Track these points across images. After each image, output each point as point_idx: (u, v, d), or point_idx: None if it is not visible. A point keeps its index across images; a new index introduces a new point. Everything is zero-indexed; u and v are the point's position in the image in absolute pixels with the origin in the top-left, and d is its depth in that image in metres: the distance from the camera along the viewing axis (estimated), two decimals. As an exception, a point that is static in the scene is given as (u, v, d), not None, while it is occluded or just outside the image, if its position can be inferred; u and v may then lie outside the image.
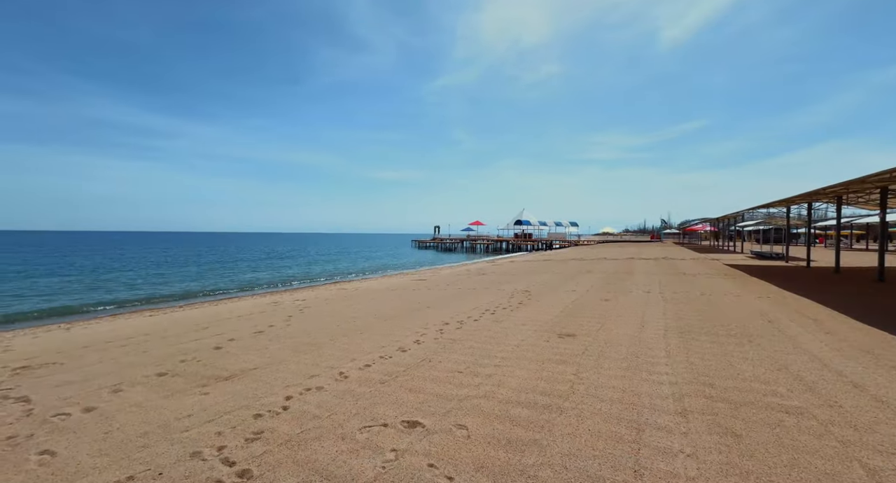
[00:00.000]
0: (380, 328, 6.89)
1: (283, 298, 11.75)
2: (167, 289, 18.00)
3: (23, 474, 2.66)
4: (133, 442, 3.07)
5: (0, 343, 6.81)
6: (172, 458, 2.81)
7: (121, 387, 4.31)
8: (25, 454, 2.93)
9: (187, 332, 7.15)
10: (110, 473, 2.64)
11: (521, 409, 3.49)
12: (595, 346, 5.45)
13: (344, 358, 5.16)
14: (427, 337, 6.16)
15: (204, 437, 3.11)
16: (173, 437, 3.12)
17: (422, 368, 4.65)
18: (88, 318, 10.64)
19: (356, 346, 5.76)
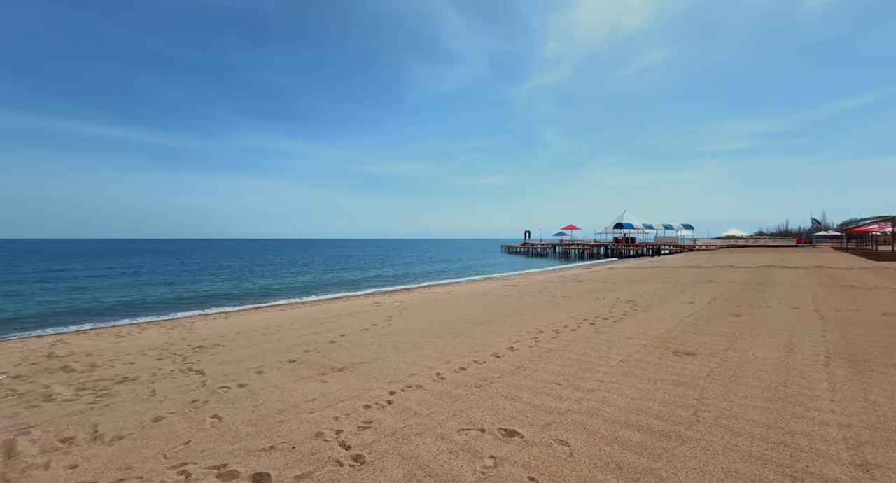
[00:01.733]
0: (472, 333, 6.97)
1: (382, 300, 12.77)
2: (293, 288, 21.15)
3: (202, 432, 3.38)
4: (273, 417, 3.65)
5: (186, 327, 8.84)
6: (302, 435, 3.26)
7: (262, 369, 5.18)
8: (202, 416, 3.72)
9: (308, 325, 8.27)
10: (258, 441, 3.19)
11: (632, 433, 3.14)
12: (723, 368, 4.63)
13: (440, 359, 5.35)
14: (521, 344, 6.01)
15: (325, 420, 3.54)
16: (301, 417, 3.63)
17: (517, 376, 4.55)
18: (238, 310, 13.12)
19: (451, 348, 5.93)
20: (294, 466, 2.79)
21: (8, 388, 4.73)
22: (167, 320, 11.14)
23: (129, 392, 4.45)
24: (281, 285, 22.33)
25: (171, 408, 3.93)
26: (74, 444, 3.20)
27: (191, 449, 3.09)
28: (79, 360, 5.99)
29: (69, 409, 4.00)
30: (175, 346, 6.76)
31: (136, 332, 8.55)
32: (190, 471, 2.76)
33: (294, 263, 41.23)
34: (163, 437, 3.30)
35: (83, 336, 8.48)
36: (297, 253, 69.87)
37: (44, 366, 5.72)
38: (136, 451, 3.06)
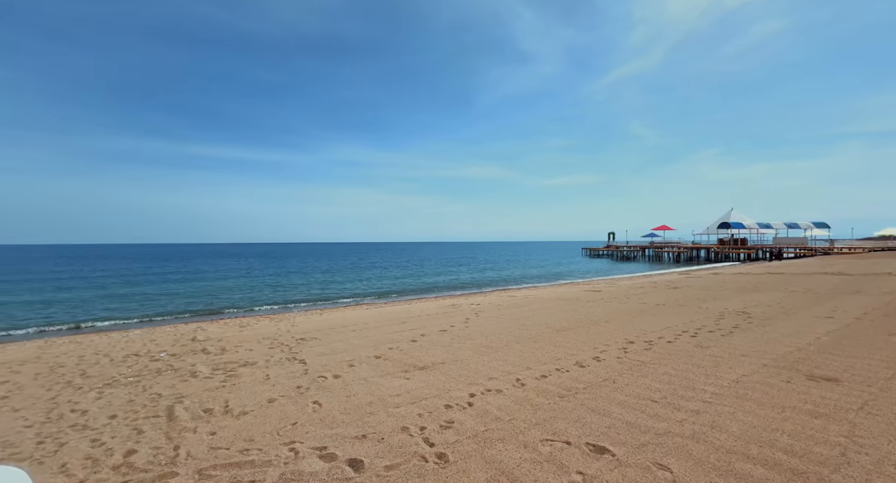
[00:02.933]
0: (552, 339, 6.68)
1: (459, 302, 12.97)
2: (375, 288, 22.71)
3: (306, 415, 3.81)
4: (363, 408, 3.95)
5: (289, 321, 10.08)
6: (389, 427, 3.47)
7: (353, 363, 5.65)
8: (305, 401, 4.20)
9: (390, 324, 8.79)
10: (352, 428, 3.48)
11: (754, 467, 2.69)
12: (882, 401, 3.70)
13: (519, 365, 5.24)
14: (608, 355, 5.58)
15: (409, 415, 3.72)
16: (388, 410, 3.86)
17: (604, 389, 4.22)
18: (330, 307, 14.52)
19: (530, 354, 5.76)
20: (384, 456, 2.97)
21: (167, 363, 5.92)
22: (275, 314, 12.83)
23: (250, 374, 5.22)
24: (364, 286, 24.13)
25: (281, 391, 4.51)
26: (213, 415, 3.87)
27: (297, 429, 3.50)
28: (213, 344, 7.23)
29: (208, 384, 4.84)
30: (282, 337, 7.74)
31: (253, 323, 10.01)
32: (298, 449, 3.13)
33: (375, 266, 44.21)
34: (276, 416, 3.80)
35: (215, 325, 10.21)
36: (378, 256, 74.74)
37: (189, 348, 7.03)
38: (256, 426, 3.58)
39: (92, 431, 3.57)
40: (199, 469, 2.85)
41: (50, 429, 3.68)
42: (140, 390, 4.69)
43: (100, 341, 8.07)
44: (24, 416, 4.02)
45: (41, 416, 4.01)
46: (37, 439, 3.45)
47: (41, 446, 3.31)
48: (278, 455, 3.03)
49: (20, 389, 4.90)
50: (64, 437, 3.49)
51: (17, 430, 3.68)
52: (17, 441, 3.44)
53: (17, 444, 3.38)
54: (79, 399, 4.47)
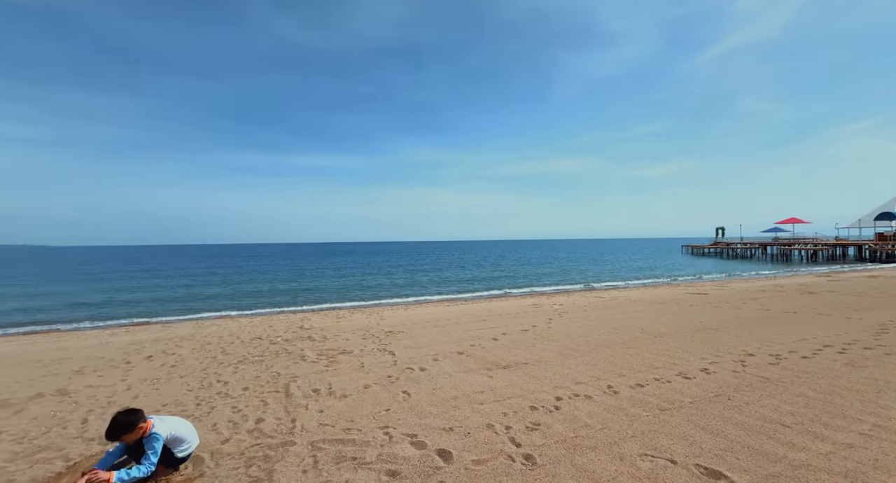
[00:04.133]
0: (649, 346, 6.07)
1: (540, 301, 12.56)
2: (453, 286, 23.21)
3: (397, 403, 4.09)
4: (449, 402, 4.08)
5: (379, 315, 10.90)
6: (475, 423, 3.53)
7: (437, 357, 5.87)
8: (396, 390, 4.50)
9: (471, 322, 8.90)
10: (439, 420, 3.63)
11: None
12: None
13: (610, 371, 4.87)
14: (720, 367, 4.87)
15: (494, 413, 3.73)
16: (473, 406, 3.93)
17: (717, 405, 3.70)
18: (414, 303, 15.29)
19: (622, 360, 5.32)
20: (471, 450, 3.04)
21: (282, 347, 6.88)
22: (365, 308, 13.97)
23: (348, 362, 5.78)
24: (443, 283, 24.83)
25: (374, 379, 4.90)
26: (320, 395, 4.38)
27: (390, 415, 3.77)
28: (316, 333, 8.17)
29: (314, 368, 5.50)
30: (373, 329, 8.40)
31: (348, 315, 11.06)
32: (391, 434, 3.37)
33: (452, 264, 45.14)
34: (371, 401, 4.15)
35: (317, 315, 11.54)
36: (455, 255, 76.13)
37: (298, 335, 8.06)
38: (355, 409, 3.95)
39: (232, 399, 4.34)
40: (312, 441, 3.26)
41: (204, 394, 4.56)
42: (263, 368, 5.54)
43: (233, 325, 9.72)
44: (186, 382, 5.06)
45: (197, 383, 5.00)
46: (196, 402, 4.31)
47: (199, 407, 4.13)
48: (375, 437, 3.31)
49: (182, 361, 6.17)
50: (213, 401, 4.30)
51: (183, 392, 4.65)
52: (183, 401, 4.34)
53: (184, 403, 4.27)
54: (221, 372, 5.46)
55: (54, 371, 5.74)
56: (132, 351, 6.93)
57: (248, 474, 2.78)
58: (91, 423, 3.79)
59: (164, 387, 4.89)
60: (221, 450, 3.15)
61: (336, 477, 2.71)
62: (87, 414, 4.05)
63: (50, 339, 8.85)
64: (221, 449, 3.17)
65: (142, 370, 5.68)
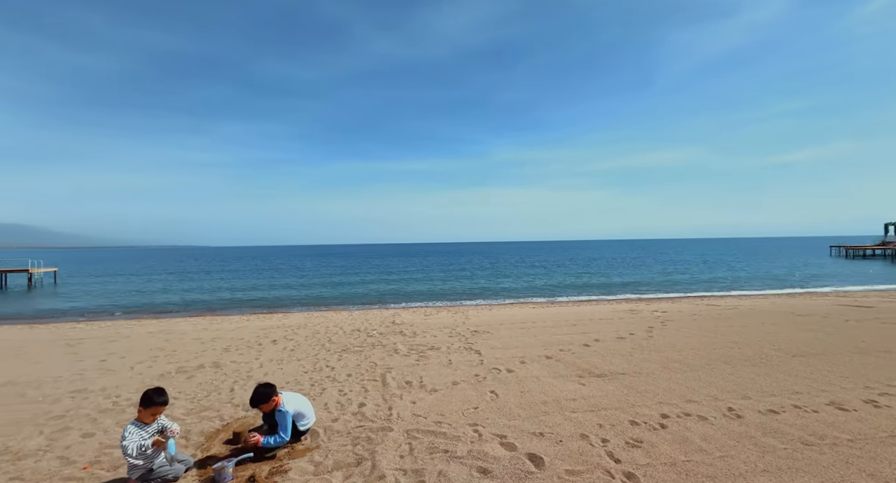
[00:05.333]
0: (784, 365, 5.06)
1: (638, 307, 11.40)
2: (541, 287, 22.44)
3: (484, 403, 4.13)
4: (538, 406, 3.98)
5: (464, 314, 11.13)
6: (567, 431, 3.38)
7: (525, 359, 5.76)
8: (483, 389, 4.54)
9: (560, 325, 8.51)
10: (528, 423, 3.56)
11: None
12: None
13: (732, 391, 4.20)
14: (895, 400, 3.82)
15: (588, 423, 3.52)
16: (565, 413, 3.76)
17: (890, 447, 2.92)
18: (499, 303, 15.21)
19: (747, 380, 4.54)
20: (564, 459, 2.92)
21: (377, 340, 7.48)
22: (451, 306, 14.38)
23: (436, 357, 6.03)
24: (528, 285, 24.17)
25: (462, 376, 5.03)
26: (412, 387, 4.66)
27: (479, 414, 3.83)
28: (407, 328, 8.70)
29: (406, 361, 5.87)
30: (458, 327, 8.61)
31: (434, 313, 11.53)
32: (481, 432, 3.42)
33: (538, 265, 43.63)
34: (459, 398, 4.27)
35: (406, 312, 12.27)
36: (542, 255, 73.48)
37: (391, 329, 8.67)
38: (445, 404, 4.11)
39: (338, 383, 4.88)
40: (407, 429, 3.49)
41: (315, 376, 5.22)
42: (363, 358, 6.11)
43: (337, 317, 10.92)
44: (302, 365, 5.85)
45: (311, 366, 5.75)
46: (310, 382, 4.96)
47: (313, 388, 4.74)
48: (465, 433, 3.39)
49: (298, 346, 7.15)
50: (324, 383, 4.89)
51: (300, 373, 5.39)
52: (301, 381, 5.04)
53: (301, 383, 4.96)
54: (328, 358, 6.18)
55: (210, 347, 7.16)
56: (262, 335, 8.27)
57: (355, 452, 3.10)
58: (237, 392, 4.63)
59: (286, 367, 5.73)
60: (332, 427, 3.57)
61: (430, 466, 2.86)
62: (233, 384, 4.96)
63: (206, 321, 11.06)
64: (332, 426, 3.59)
65: (269, 351, 6.74)
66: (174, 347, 7.19)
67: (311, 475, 2.79)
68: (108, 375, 5.47)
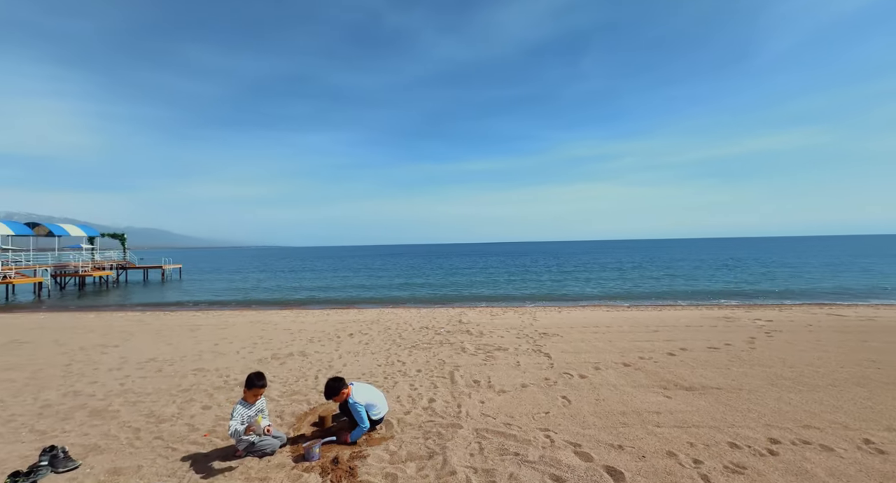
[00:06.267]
0: (948, 393, 4.04)
1: (736, 314, 10.00)
2: (615, 289, 20.88)
3: (556, 408, 3.97)
4: (616, 417, 3.71)
5: (531, 315, 10.84)
6: (651, 447, 3.09)
7: (599, 366, 5.41)
8: (554, 394, 4.37)
9: (637, 331, 7.83)
10: (605, 434, 3.33)
11: None
12: None
13: (868, 419, 3.47)
14: None
15: (676, 441, 3.18)
16: (647, 428, 3.44)
17: None
18: (568, 306, 14.51)
19: (890, 407, 3.71)
20: (648, 477, 2.68)
21: (445, 338, 7.63)
22: (518, 307, 14.09)
23: (504, 358, 5.96)
24: (600, 286, 22.65)
25: (531, 379, 4.90)
26: (480, 387, 4.67)
27: (550, 419, 3.69)
28: (473, 327, 8.73)
29: (473, 360, 5.89)
30: (526, 329, 8.40)
31: (500, 313, 11.40)
32: (553, 438, 3.29)
33: (611, 265, 40.67)
34: (529, 401, 4.16)
35: (472, 311, 12.32)
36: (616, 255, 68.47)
37: (458, 328, 8.78)
38: (514, 406, 4.04)
39: (409, 378, 5.08)
40: (476, 428, 3.50)
41: (388, 370, 5.50)
42: (431, 355, 6.27)
43: (406, 314, 11.39)
44: (376, 358, 6.21)
45: (383, 360, 6.07)
46: (383, 376, 5.25)
47: (386, 380, 5.00)
48: (535, 438, 3.30)
49: (372, 341, 7.60)
50: (395, 377, 5.13)
51: (374, 366, 5.73)
52: (375, 373, 5.35)
53: (375, 375, 5.27)
54: (399, 353, 6.46)
55: (297, 338, 7.96)
56: (340, 328, 8.96)
57: (426, 445, 3.20)
58: (320, 380, 5.08)
59: (361, 359, 6.14)
60: (404, 419, 3.73)
61: (501, 468, 2.83)
62: (317, 372, 5.45)
63: (293, 314, 12.34)
64: (404, 419, 3.75)
65: (347, 344, 7.28)
66: (269, 336, 8.13)
67: (387, 463, 2.95)
68: (220, 358, 6.38)
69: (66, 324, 10.35)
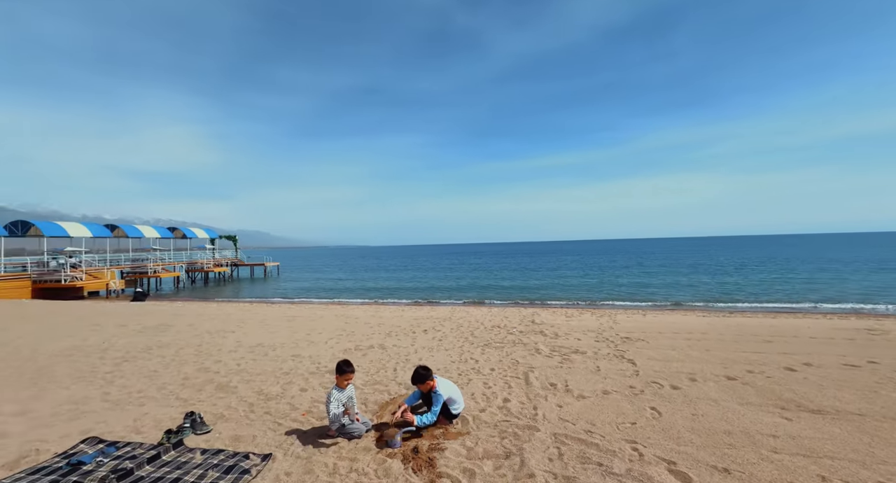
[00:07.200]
0: None
1: (884, 326, 8.13)
2: (705, 291, 18.41)
3: (644, 419, 3.64)
4: (718, 436, 3.27)
5: (611, 317, 10.10)
6: (767, 475, 2.67)
7: (695, 377, 4.82)
8: (641, 404, 4.01)
9: (745, 340, 6.80)
10: (706, 454, 2.96)
11: None
12: None
13: None
14: None
15: (801, 472, 2.70)
16: (761, 452, 2.98)
17: None
18: (654, 308, 13.20)
19: None
20: (763, 509, 2.32)
21: (518, 338, 7.50)
22: (595, 308, 13.24)
23: (581, 362, 5.65)
24: (689, 288, 20.13)
25: (613, 386, 4.56)
26: (557, 390, 4.49)
27: (637, 430, 3.40)
28: (547, 328, 8.43)
29: (549, 362, 5.69)
30: (605, 332, 7.85)
31: (576, 314, 10.82)
32: (641, 452, 3.03)
33: (713, 265, 35.93)
34: (612, 409, 3.88)
35: (545, 311, 11.90)
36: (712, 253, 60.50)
37: (530, 328, 8.56)
38: (595, 413, 3.80)
39: (483, 376, 5.11)
40: (554, 433, 3.38)
41: (462, 367, 5.59)
42: (504, 355, 6.22)
43: (477, 313, 11.45)
44: (449, 355, 6.35)
45: (457, 357, 6.18)
46: (457, 372, 5.34)
47: (460, 377, 5.09)
48: (622, 449, 3.07)
49: (445, 337, 7.79)
50: (469, 375, 5.19)
51: (448, 362, 5.87)
52: (449, 369, 5.48)
53: (450, 371, 5.39)
54: (472, 351, 6.52)
55: (377, 331, 8.51)
56: (414, 324, 9.36)
57: (503, 445, 3.18)
58: (398, 372, 5.37)
59: (436, 355, 6.33)
60: (479, 417, 3.76)
61: (583, 476, 2.70)
62: (396, 365, 5.77)
63: (372, 309, 13.23)
64: (479, 416, 3.77)
65: (421, 340, 7.57)
66: (352, 329, 8.83)
67: (465, 458, 3.00)
68: (312, 346, 7.11)
69: (196, 311, 12.48)
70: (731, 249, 66.61)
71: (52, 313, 12.21)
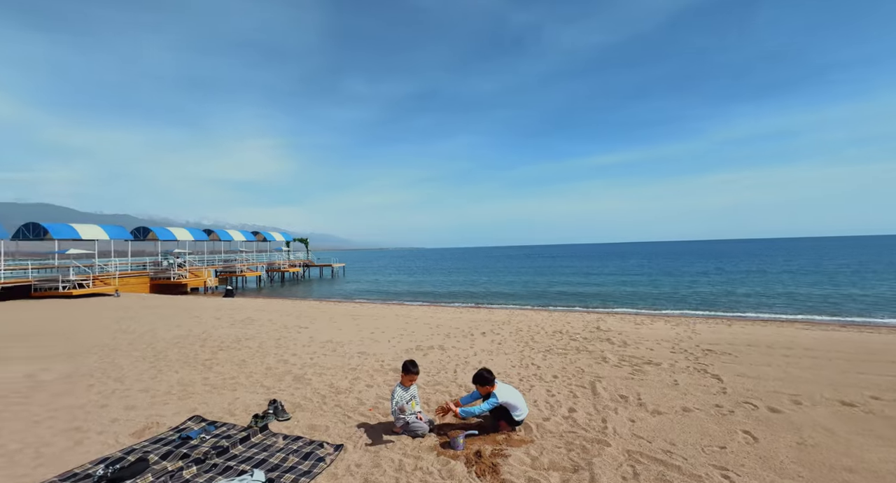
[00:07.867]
0: None
1: None
2: (804, 299, 15.83)
3: (735, 443, 3.24)
4: (837, 473, 2.79)
5: (689, 326, 9.16)
6: (903, 525, 2.22)
7: (799, 399, 4.18)
8: (731, 426, 3.57)
9: (864, 359, 5.73)
10: (818, 492, 2.55)
11: None
12: None
13: None
14: None
15: (954, 526, 2.19)
16: (894, 495, 2.48)
17: None
18: (741, 318, 11.70)
19: None
20: (901, 567, 1.93)
21: (582, 345, 7.13)
22: (670, 316, 12.10)
23: (656, 374, 5.20)
24: (789, 294, 17.46)
25: (696, 403, 4.13)
26: (628, 403, 4.18)
27: (728, 456, 3.03)
28: (615, 336, 7.90)
29: (618, 372, 5.32)
30: (683, 343, 7.14)
31: (648, 322, 9.99)
32: (733, 479, 2.70)
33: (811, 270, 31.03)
34: (695, 430, 3.51)
35: (612, 317, 11.16)
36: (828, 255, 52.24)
37: (595, 335, 8.08)
38: (674, 432, 3.47)
39: (545, 383, 4.94)
40: (627, 449, 3.15)
41: (523, 372, 5.46)
42: (568, 362, 5.95)
43: (537, 317, 11.12)
44: (509, 359, 6.25)
45: (517, 362, 6.06)
46: (518, 378, 5.22)
47: (521, 382, 4.97)
48: (708, 474, 2.76)
49: (504, 341, 7.68)
50: (531, 381, 5.05)
51: (508, 367, 5.76)
52: (510, 374, 5.38)
53: (510, 376, 5.29)
54: (533, 356, 6.34)
55: (436, 332, 8.67)
56: (473, 327, 9.36)
57: (570, 457, 3.04)
58: (458, 373, 5.41)
59: (495, 358, 6.27)
60: (543, 426, 3.63)
61: (662, 501, 2.47)
62: (456, 366, 5.81)
63: (431, 310, 13.50)
64: (543, 425, 3.65)
65: (480, 342, 7.54)
66: (412, 329, 9.10)
67: (529, 467, 2.92)
68: (376, 344, 7.46)
69: (275, 307, 13.79)
70: (841, 252, 56.71)
71: (165, 306, 14.33)
